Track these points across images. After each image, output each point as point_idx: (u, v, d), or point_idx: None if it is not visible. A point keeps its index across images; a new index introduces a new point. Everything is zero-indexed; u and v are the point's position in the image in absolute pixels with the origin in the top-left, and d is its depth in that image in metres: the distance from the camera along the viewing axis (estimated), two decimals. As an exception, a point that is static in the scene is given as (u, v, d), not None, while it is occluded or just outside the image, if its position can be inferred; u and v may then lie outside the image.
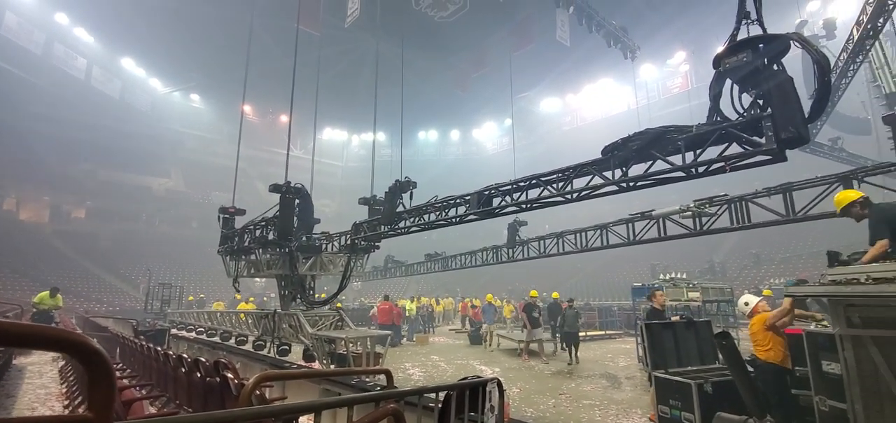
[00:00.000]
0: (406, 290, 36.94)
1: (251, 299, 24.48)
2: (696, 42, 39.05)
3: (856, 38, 11.81)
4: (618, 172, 5.31)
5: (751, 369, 5.67)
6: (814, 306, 6.18)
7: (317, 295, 11.72)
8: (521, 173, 6.89)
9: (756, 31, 4.76)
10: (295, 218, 10.83)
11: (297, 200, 10.79)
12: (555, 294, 17.13)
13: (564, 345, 12.34)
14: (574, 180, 5.83)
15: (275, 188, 10.44)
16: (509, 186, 6.28)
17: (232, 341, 13.27)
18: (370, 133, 52.71)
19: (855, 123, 24.73)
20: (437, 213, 7.58)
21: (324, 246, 11.26)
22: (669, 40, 39.94)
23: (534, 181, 6.04)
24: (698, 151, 4.75)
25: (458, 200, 7.13)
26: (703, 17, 34.35)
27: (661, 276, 14.96)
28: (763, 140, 4.19)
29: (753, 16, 4.92)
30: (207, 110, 53.89)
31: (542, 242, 13.46)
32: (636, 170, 5.28)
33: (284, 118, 54.85)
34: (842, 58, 13.25)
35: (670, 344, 6.25)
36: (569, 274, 34.95)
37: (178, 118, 51.93)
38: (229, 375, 3.74)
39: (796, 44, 4.40)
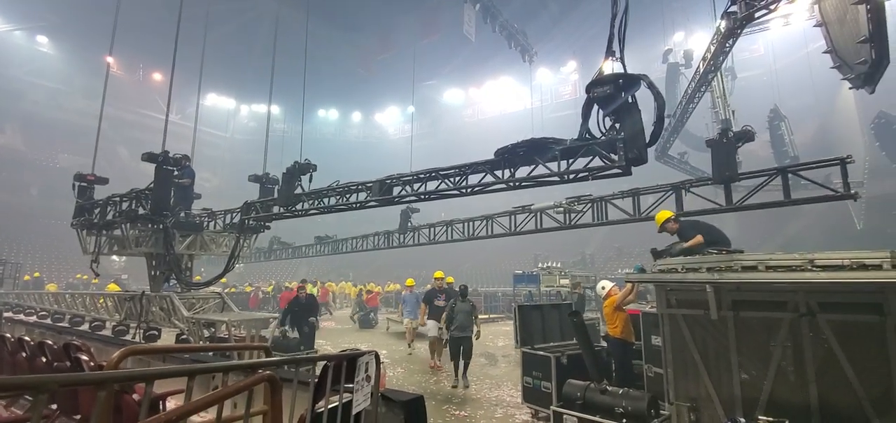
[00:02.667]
0: (295, 273, 35.55)
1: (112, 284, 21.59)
2: (585, 51, 43.07)
3: (701, 70, 14.34)
4: (507, 173, 5.99)
5: (605, 343, 6.88)
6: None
7: (194, 277, 10.91)
8: (421, 162, 7.30)
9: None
10: (172, 192, 9.95)
11: (175, 172, 9.90)
12: (449, 279, 12.32)
13: (451, 353, 8.49)
14: (470, 176, 6.40)
15: (150, 158, 9.46)
16: (410, 178, 6.64)
17: (85, 327, 11.74)
18: (262, 104, 49.17)
19: (699, 141, 29.77)
20: (338, 198, 7.66)
21: (206, 224, 10.53)
22: (563, 50, 43.64)
23: (433, 174, 6.47)
24: (571, 161, 5.60)
25: (359, 187, 7.30)
26: (592, 33, 38.19)
27: (540, 264, 16.71)
28: (617, 157, 5.12)
29: (618, 55, 5.88)
30: (57, 57, 45.05)
31: (432, 229, 14.13)
32: (521, 171, 6.03)
33: (157, 76, 48.37)
34: (691, 85, 15.93)
35: (538, 324, 7.22)
36: (460, 260, 36.69)
37: (18, 63, 42.61)
38: (83, 357, 3.46)
39: (646, 84, 5.41)
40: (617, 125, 5.29)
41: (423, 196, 6.58)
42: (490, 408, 7.05)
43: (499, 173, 5.93)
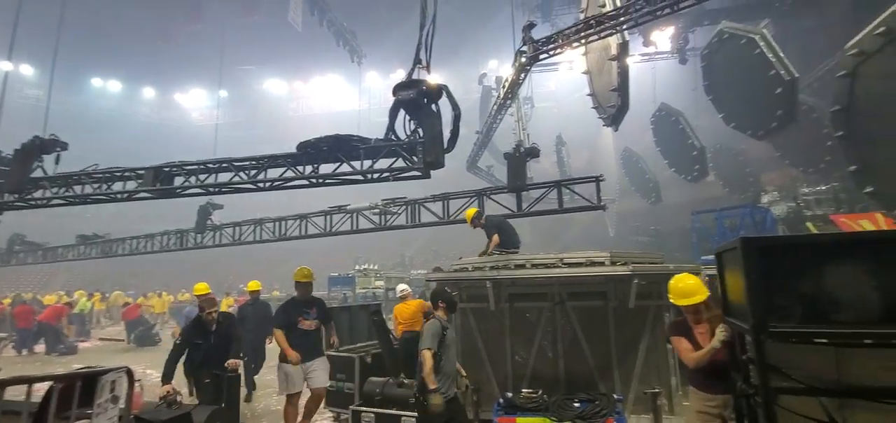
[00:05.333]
0: (47, 283, 27.86)
1: None
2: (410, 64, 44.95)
3: (501, 95, 16.33)
4: (310, 169, 5.71)
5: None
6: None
7: None
8: (233, 153, 6.40)
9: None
10: None
11: None
12: (254, 284, 8.73)
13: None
14: (269, 170, 5.89)
15: None
16: (195, 166, 5.77)
17: None
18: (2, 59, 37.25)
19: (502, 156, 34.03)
20: (97, 185, 6.18)
21: None
22: (394, 57, 44.61)
23: (225, 165, 5.76)
24: (374, 160, 5.64)
25: (127, 174, 6.02)
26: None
27: (357, 267, 16.64)
28: (417, 160, 5.38)
29: (425, 63, 6.20)
30: None
31: (237, 228, 12.73)
32: (326, 168, 5.83)
33: None
34: (494, 107, 18.00)
35: (346, 326, 7.10)
36: (274, 263, 34.07)
37: None
38: None
39: (446, 94, 5.82)
40: (419, 130, 5.56)
41: (212, 190, 5.80)
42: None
43: (301, 169, 5.61)
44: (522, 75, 12.29)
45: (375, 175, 5.56)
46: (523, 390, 4.70)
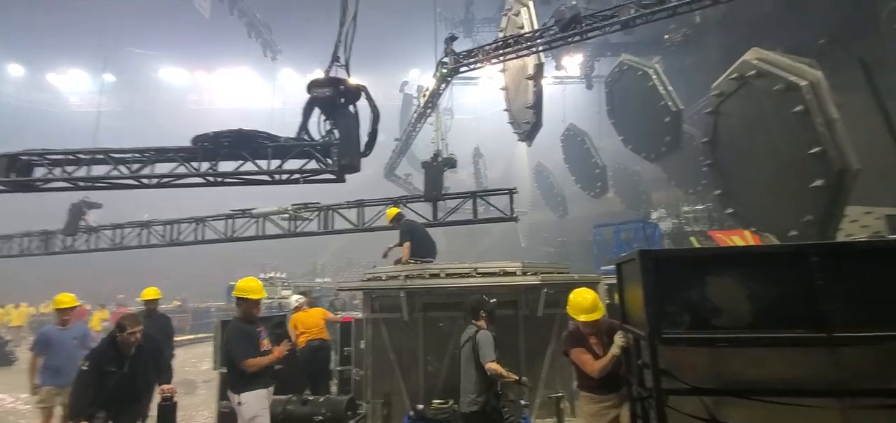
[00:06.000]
0: None
1: None
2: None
3: (422, 104, 16.37)
4: (207, 165, 5.15)
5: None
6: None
7: None
8: (117, 144, 5.52)
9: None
10: None
11: None
12: (151, 292, 7.36)
13: None
14: (157, 165, 5.23)
15: None
16: (62, 156, 4.93)
17: None
18: None
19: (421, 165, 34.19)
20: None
21: None
22: (314, 56, 42.58)
23: (100, 156, 4.99)
24: (283, 160, 5.25)
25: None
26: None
27: (262, 275, 15.50)
28: (331, 162, 5.10)
29: (343, 61, 5.94)
30: None
31: (118, 231, 11.17)
32: (228, 166, 5.30)
33: None
34: (414, 115, 17.98)
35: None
36: (166, 270, 30.74)
37: None
38: None
39: (365, 96, 5.62)
40: (334, 130, 5.29)
41: (82, 185, 4.98)
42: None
43: (196, 165, 5.04)
44: (443, 86, 12.44)
45: (284, 176, 5.17)
46: (434, 401, 4.62)
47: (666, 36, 17.85)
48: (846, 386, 2.40)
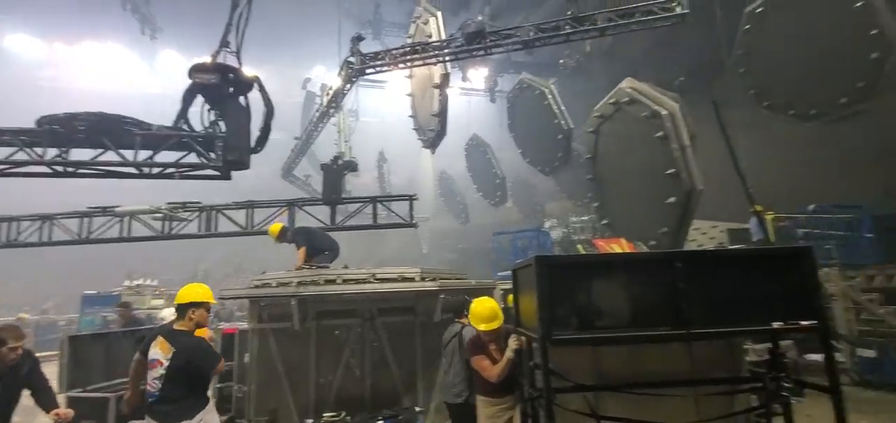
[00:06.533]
0: None
1: None
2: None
3: (324, 103, 15.70)
4: (55, 152, 4.31)
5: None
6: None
7: None
8: None
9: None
10: None
11: None
12: None
13: None
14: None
15: None
16: None
17: None
18: None
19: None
20: None
21: None
22: (203, 41, 38.45)
23: None
24: (156, 151, 4.61)
25: None
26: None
27: (127, 282, 13.48)
28: (215, 157, 4.59)
29: (234, 48, 5.41)
30: None
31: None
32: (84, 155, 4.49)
33: None
34: (316, 114, 17.18)
35: (100, 358, 5.54)
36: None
37: None
38: None
39: (258, 88, 5.18)
40: (220, 122, 4.78)
41: None
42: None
43: (40, 152, 4.20)
44: (348, 86, 12.06)
45: (157, 170, 4.53)
46: (325, 414, 4.36)
47: (561, 60, 19.43)
48: (699, 376, 2.73)
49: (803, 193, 10.17)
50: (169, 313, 6.27)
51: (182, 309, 3.30)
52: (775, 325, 2.48)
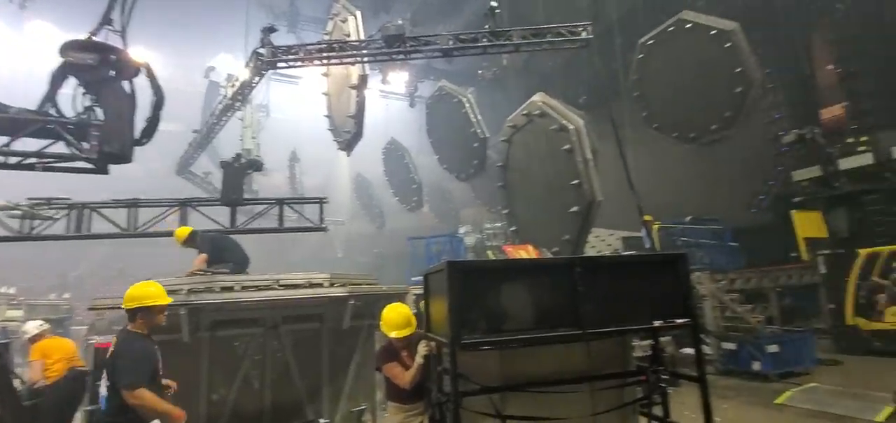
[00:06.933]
0: None
1: None
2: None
3: (229, 95, 14.51)
4: None
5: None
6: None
7: None
8: None
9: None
10: None
11: None
12: None
13: None
14: None
15: None
16: None
17: None
18: None
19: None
20: None
21: None
22: (86, 15, 33.45)
23: None
24: (13, 138, 3.90)
25: None
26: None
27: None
28: (89, 147, 4.00)
29: (118, 27, 4.79)
30: None
31: None
32: None
33: None
34: (219, 106, 15.81)
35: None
36: None
37: None
38: None
39: (145, 73, 4.62)
40: (97, 109, 4.19)
41: None
42: None
43: None
44: (256, 79, 11.28)
45: (14, 160, 3.83)
46: (219, 433, 3.99)
47: (480, 71, 20.09)
48: (594, 372, 2.93)
49: (686, 205, 11.61)
50: (31, 326, 5.35)
51: None
52: (656, 323, 2.75)
